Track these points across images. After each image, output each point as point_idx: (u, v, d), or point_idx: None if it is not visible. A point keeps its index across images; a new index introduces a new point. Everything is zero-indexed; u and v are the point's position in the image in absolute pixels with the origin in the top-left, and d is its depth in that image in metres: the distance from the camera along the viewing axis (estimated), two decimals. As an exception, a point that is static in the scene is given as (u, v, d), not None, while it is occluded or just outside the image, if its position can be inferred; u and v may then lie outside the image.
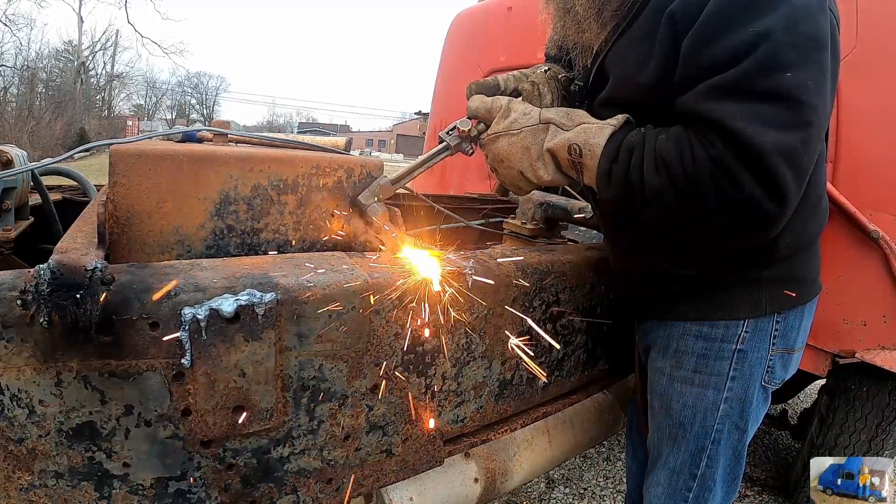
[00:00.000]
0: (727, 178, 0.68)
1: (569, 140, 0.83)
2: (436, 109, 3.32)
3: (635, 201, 0.77)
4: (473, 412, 0.99)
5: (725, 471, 0.98)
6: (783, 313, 0.91)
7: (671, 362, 0.97)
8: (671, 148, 0.73)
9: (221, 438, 0.70)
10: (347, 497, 0.84)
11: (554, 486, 2.13)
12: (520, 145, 0.88)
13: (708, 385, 0.93)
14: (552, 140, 0.86)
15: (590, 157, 0.81)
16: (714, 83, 0.70)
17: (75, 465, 0.63)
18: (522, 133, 0.88)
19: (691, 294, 0.93)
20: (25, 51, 25.13)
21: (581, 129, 0.83)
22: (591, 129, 0.82)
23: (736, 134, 0.67)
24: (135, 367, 0.62)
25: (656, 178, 0.74)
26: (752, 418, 0.95)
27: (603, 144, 0.80)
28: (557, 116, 0.87)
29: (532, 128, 0.87)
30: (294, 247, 0.87)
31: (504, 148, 0.89)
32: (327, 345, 0.75)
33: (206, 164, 0.78)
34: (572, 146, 0.83)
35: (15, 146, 1.16)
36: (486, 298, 0.93)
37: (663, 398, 0.99)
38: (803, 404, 2.82)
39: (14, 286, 0.56)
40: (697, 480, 0.97)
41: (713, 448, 0.95)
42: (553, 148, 0.85)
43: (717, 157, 0.68)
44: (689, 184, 0.71)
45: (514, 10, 2.69)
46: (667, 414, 0.99)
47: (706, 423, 0.94)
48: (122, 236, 0.75)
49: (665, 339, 0.98)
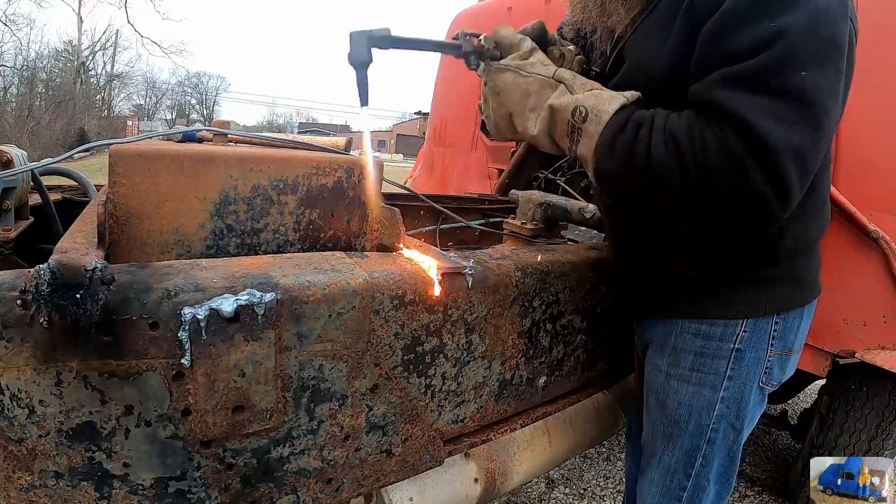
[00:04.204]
0: (735, 167, 0.68)
1: (577, 101, 0.81)
2: (436, 109, 3.33)
3: (636, 174, 0.76)
4: (473, 412, 0.99)
5: (719, 470, 0.98)
6: (782, 314, 0.91)
7: (668, 360, 0.97)
8: (683, 128, 0.72)
9: (221, 438, 0.70)
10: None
11: (554, 486, 2.13)
12: (523, 88, 0.85)
13: (704, 384, 0.93)
14: (559, 98, 0.83)
15: (594, 122, 0.79)
16: (729, 73, 0.69)
17: (75, 465, 0.63)
18: (531, 78, 0.85)
19: (691, 292, 0.93)
20: (25, 51, 25.16)
21: (591, 94, 0.81)
22: (602, 96, 0.80)
23: (749, 126, 0.66)
24: (135, 367, 0.62)
25: (664, 153, 0.73)
26: (747, 419, 0.95)
27: (612, 112, 0.78)
28: (571, 79, 0.84)
29: (542, 78, 0.85)
30: (294, 247, 0.87)
31: (507, 82, 0.87)
32: (327, 345, 0.75)
33: (206, 164, 0.78)
34: (578, 107, 0.80)
35: (15, 146, 1.16)
36: (486, 298, 0.93)
37: (659, 395, 0.99)
38: (803, 404, 2.81)
39: (14, 286, 0.56)
40: (692, 480, 0.97)
41: (708, 447, 0.95)
42: (556, 105, 0.82)
43: (727, 146, 0.68)
44: (697, 165, 0.70)
45: (514, 10, 2.69)
46: (662, 412, 0.99)
47: (702, 421, 0.94)
48: (122, 236, 0.75)
49: (663, 337, 0.98)
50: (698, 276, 0.91)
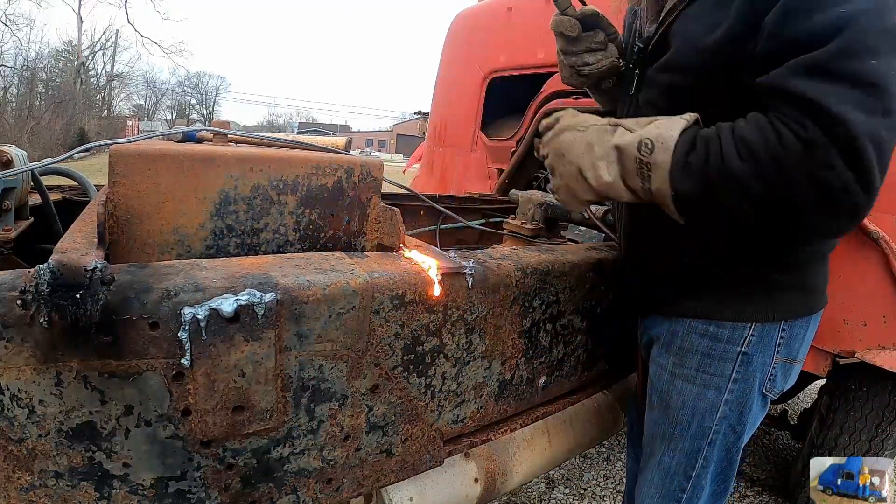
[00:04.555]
0: (819, 160, 0.65)
1: (640, 136, 0.79)
2: (436, 109, 3.33)
3: (716, 192, 0.73)
4: (473, 412, 0.99)
5: (716, 471, 0.98)
6: (790, 322, 0.91)
7: (674, 359, 0.97)
8: (753, 133, 0.70)
9: (221, 438, 0.70)
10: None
11: (554, 486, 2.13)
12: (584, 140, 0.84)
13: (709, 385, 0.93)
14: (621, 137, 0.81)
15: (662, 150, 0.76)
16: (804, 61, 0.68)
17: (75, 465, 0.63)
18: (590, 130, 0.84)
19: (701, 291, 0.93)
20: (25, 51, 25.16)
21: (652, 126, 0.79)
22: (662, 124, 0.78)
23: (830, 114, 0.64)
24: (135, 367, 0.62)
25: (740, 164, 0.70)
26: (749, 423, 0.95)
27: (676, 136, 0.76)
28: (626, 122, 0.84)
29: (599, 126, 0.84)
30: (294, 247, 0.87)
31: (567, 141, 0.86)
32: (327, 345, 0.75)
33: (206, 164, 0.78)
34: (643, 141, 0.78)
35: (15, 146, 1.16)
36: (486, 298, 0.93)
37: (663, 395, 0.99)
38: (803, 404, 2.81)
39: (14, 286, 0.56)
40: (692, 481, 0.97)
41: (709, 449, 0.95)
42: (622, 144, 0.80)
43: (808, 139, 0.65)
44: (777, 168, 0.68)
45: (514, 10, 2.69)
46: (664, 411, 0.99)
47: (704, 423, 0.94)
48: (122, 236, 0.75)
49: (669, 336, 0.98)
50: (711, 274, 0.91)
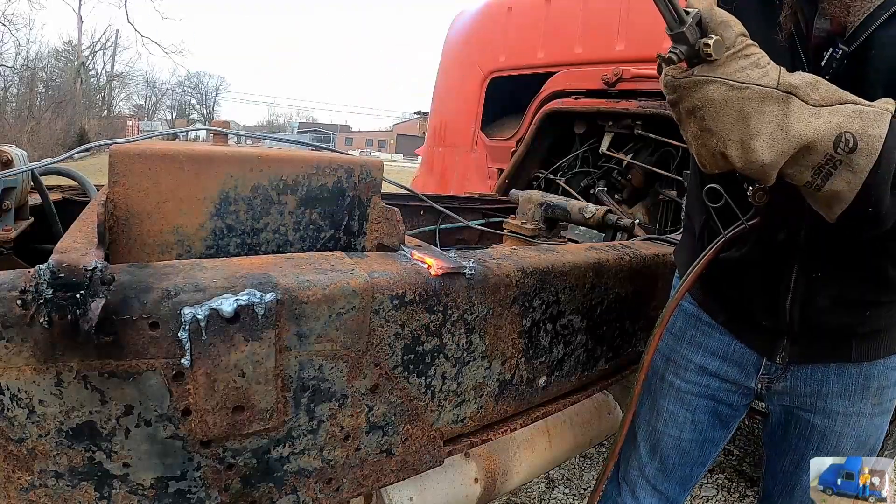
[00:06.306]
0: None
1: (839, 126, 0.59)
2: (436, 109, 3.33)
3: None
4: (473, 412, 0.99)
5: None
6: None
7: (873, 401, 0.92)
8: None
9: (221, 438, 0.70)
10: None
11: (554, 486, 2.13)
12: (736, 107, 0.60)
13: (890, 411, 0.94)
14: (804, 122, 0.60)
15: (865, 154, 0.58)
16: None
17: (75, 465, 0.63)
18: (748, 91, 0.60)
19: (891, 327, 0.89)
20: (25, 51, 25.17)
21: (853, 112, 0.59)
22: (866, 114, 0.59)
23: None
24: (135, 367, 0.62)
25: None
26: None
27: (884, 136, 0.58)
28: (803, 85, 0.61)
29: (764, 90, 0.60)
30: (294, 247, 0.87)
31: (710, 98, 0.61)
32: (327, 345, 0.75)
33: (206, 164, 0.78)
34: (844, 135, 0.58)
35: (15, 146, 1.16)
36: (486, 298, 0.93)
37: (860, 438, 0.94)
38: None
39: (14, 286, 0.56)
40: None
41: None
42: (809, 135, 0.59)
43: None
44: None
45: (514, 10, 2.69)
46: (857, 451, 0.96)
47: (876, 446, 0.96)
48: (122, 236, 0.75)
49: (863, 380, 0.91)
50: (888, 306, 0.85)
